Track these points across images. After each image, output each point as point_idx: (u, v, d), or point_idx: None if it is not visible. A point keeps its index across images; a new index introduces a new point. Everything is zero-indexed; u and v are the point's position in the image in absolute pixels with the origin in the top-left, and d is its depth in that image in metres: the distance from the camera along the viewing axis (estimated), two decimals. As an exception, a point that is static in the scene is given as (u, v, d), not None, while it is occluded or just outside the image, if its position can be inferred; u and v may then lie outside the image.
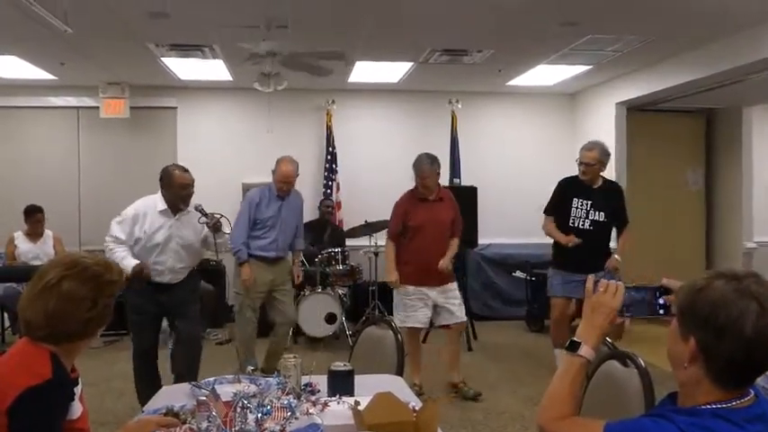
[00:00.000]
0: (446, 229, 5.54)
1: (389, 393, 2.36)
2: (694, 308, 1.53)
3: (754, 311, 1.45)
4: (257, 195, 5.90)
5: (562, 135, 9.26)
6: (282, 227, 5.90)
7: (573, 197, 5.55)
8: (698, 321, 1.51)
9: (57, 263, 2.07)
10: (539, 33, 6.19)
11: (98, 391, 5.58)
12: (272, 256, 5.87)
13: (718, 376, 1.52)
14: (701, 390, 1.54)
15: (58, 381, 1.93)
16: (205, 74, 7.84)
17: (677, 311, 1.59)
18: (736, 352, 1.47)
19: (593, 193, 5.55)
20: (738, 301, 1.47)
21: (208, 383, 2.80)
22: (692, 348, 1.53)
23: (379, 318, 5.42)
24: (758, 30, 5.83)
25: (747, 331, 1.45)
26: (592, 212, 5.51)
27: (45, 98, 8.48)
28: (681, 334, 1.57)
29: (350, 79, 8.14)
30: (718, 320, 1.47)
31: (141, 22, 5.71)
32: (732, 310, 1.46)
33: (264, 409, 2.34)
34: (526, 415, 5.16)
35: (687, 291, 1.57)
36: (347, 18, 5.73)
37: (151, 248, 4.86)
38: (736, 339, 1.46)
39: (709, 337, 1.49)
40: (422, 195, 5.53)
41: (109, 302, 2.06)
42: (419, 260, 5.43)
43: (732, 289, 1.49)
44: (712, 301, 1.49)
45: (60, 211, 8.13)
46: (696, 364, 1.53)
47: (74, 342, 2.03)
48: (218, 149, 8.78)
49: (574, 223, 5.53)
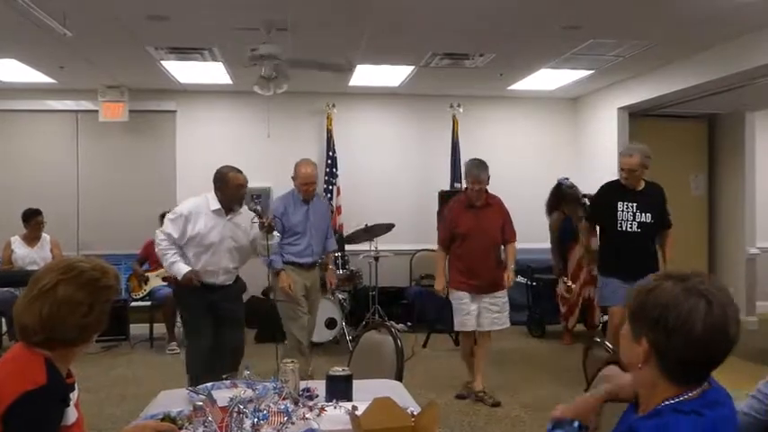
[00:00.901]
0: (494, 236, 5.56)
1: (388, 398, 2.32)
2: (645, 309, 1.57)
3: (703, 309, 1.49)
4: (281, 204, 5.85)
5: (564, 140, 9.25)
6: (313, 231, 5.84)
7: (617, 201, 5.47)
8: (649, 322, 1.56)
9: (52, 267, 2.05)
10: (540, 37, 6.17)
11: (97, 397, 5.55)
12: (308, 262, 5.84)
13: (673, 374, 1.56)
14: (658, 389, 1.58)
15: (53, 386, 1.91)
16: (204, 77, 7.81)
17: (629, 314, 1.63)
18: (687, 350, 1.51)
19: (637, 195, 5.46)
20: (687, 300, 1.51)
21: (205, 388, 2.78)
22: (644, 349, 1.57)
23: (379, 322, 5.37)
24: (760, 34, 5.81)
25: (697, 329, 1.49)
26: (638, 214, 5.43)
27: (44, 101, 8.45)
28: (633, 336, 1.61)
29: (350, 83, 8.11)
30: (668, 321, 1.51)
31: (141, 24, 5.68)
32: (681, 310, 1.50)
33: (261, 414, 2.36)
34: (527, 420, 5.12)
35: (637, 293, 1.61)
36: (348, 21, 5.69)
37: (206, 248, 4.88)
38: (686, 338, 1.50)
39: (661, 337, 1.53)
40: (469, 202, 5.55)
41: (105, 308, 2.05)
42: (467, 267, 5.50)
43: (680, 289, 1.53)
44: (662, 302, 1.53)
45: (59, 215, 8.09)
46: (650, 365, 1.58)
47: (69, 347, 2.01)
48: (217, 153, 8.65)
49: (621, 227, 5.43)
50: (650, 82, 7.52)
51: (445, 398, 5.59)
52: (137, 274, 7.64)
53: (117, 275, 2.15)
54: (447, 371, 6.44)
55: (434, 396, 5.51)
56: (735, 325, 1.54)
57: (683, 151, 8.88)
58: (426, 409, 2.32)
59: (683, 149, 8.88)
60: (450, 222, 5.60)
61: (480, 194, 5.51)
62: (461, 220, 5.53)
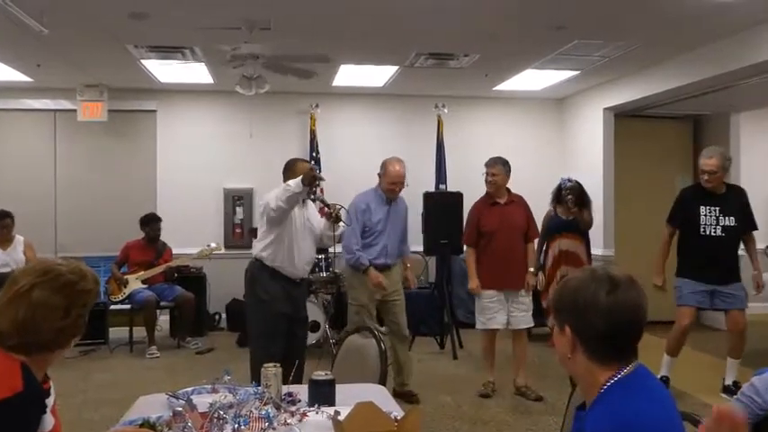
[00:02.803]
0: (520, 233, 5.66)
1: (370, 403, 2.31)
2: (561, 300, 1.78)
3: (605, 286, 1.69)
4: (363, 201, 5.66)
5: (550, 141, 9.23)
6: (390, 233, 5.64)
7: (699, 205, 5.44)
8: (566, 310, 1.76)
9: (29, 270, 2.00)
10: (526, 38, 6.15)
11: (74, 402, 5.44)
12: (382, 263, 5.59)
13: (597, 353, 1.71)
14: (594, 376, 1.72)
15: (30, 393, 1.85)
16: (185, 76, 7.71)
17: (552, 311, 1.83)
18: (600, 324, 1.68)
19: (719, 199, 5.44)
20: (592, 282, 1.72)
21: (185, 394, 2.73)
22: (568, 336, 1.74)
23: (362, 325, 5.29)
24: (746, 35, 5.81)
25: (602, 301, 1.68)
26: (722, 218, 5.40)
27: (20, 100, 8.32)
28: (558, 329, 1.78)
29: (334, 83, 8.04)
30: (578, 302, 1.71)
31: (120, 22, 5.59)
32: (588, 290, 1.71)
33: (241, 419, 2.35)
34: (512, 423, 5.08)
35: (555, 290, 1.83)
36: (331, 20, 5.62)
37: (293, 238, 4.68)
38: (595, 312, 1.68)
39: (577, 319, 1.72)
40: (492, 199, 5.66)
41: (83, 312, 2.00)
42: (493, 264, 5.56)
43: (587, 275, 1.76)
44: (572, 288, 1.75)
45: (36, 216, 8.00)
46: (577, 352, 1.74)
47: (46, 352, 1.96)
48: (198, 154, 8.65)
49: (705, 231, 5.40)
50: (636, 83, 7.51)
51: (429, 402, 5.53)
52: (115, 276, 7.50)
53: (96, 279, 2.09)
54: (431, 374, 6.39)
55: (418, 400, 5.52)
56: (639, 297, 1.71)
57: (669, 152, 8.89)
58: (409, 414, 2.33)
59: (668, 150, 8.89)
60: (474, 220, 5.70)
61: (497, 188, 5.64)
62: (486, 218, 5.63)
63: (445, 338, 7.41)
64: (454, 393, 5.76)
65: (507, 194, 5.71)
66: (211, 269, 8.19)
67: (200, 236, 8.01)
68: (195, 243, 7.74)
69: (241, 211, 8.62)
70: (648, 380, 1.72)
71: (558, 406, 5.20)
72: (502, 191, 5.69)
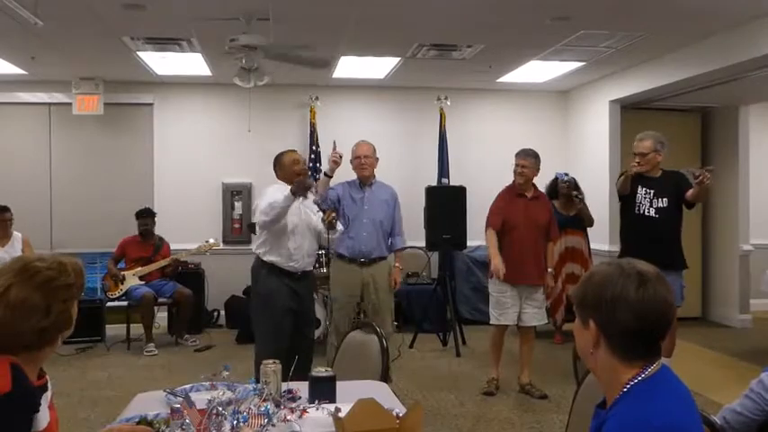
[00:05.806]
0: (541, 230, 5.58)
1: (372, 399, 2.28)
2: (586, 294, 1.72)
3: (635, 282, 1.65)
4: (340, 188, 5.58)
5: (554, 134, 9.10)
6: (367, 222, 5.50)
7: (638, 185, 5.37)
8: (591, 304, 1.70)
9: (7, 269, 1.93)
10: (530, 28, 6.03)
11: (70, 400, 5.39)
12: (358, 253, 5.48)
13: (622, 351, 1.67)
14: (617, 373, 1.67)
15: (19, 393, 1.79)
16: (183, 69, 7.60)
17: (575, 306, 1.77)
18: (628, 320, 1.63)
19: (654, 182, 5.36)
20: (620, 277, 1.66)
21: (183, 391, 2.73)
22: (592, 331, 1.70)
23: (364, 322, 5.20)
24: (754, 26, 5.69)
25: (631, 296, 1.63)
26: (655, 200, 5.32)
27: (15, 94, 8.19)
28: (582, 323, 1.74)
29: (334, 75, 7.94)
30: (606, 297, 1.66)
31: (116, 13, 5.48)
32: (617, 285, 1.65)
33: (240, 416, 2.30)
34: (516, 421, 5.00)
35: (579, 284, 1.77)
36: (331, 10, 5.52)
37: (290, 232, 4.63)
38: (624, 308, 1.63)
39: (603, 315, 1.67)
40: (519, 190, 5.59)
41: (66, 307, 1.93)
42: (511, 258, 5.44)
43: (614, 269, 1.69)
44: (598, 282, 1.69)
45: (31, 211, 7.88)
46: (601, 347, 1.70)
47: (32, 352, 1.89)
48: (196, 148, 8.54)
49: (639, 210, 5.33)
50: (642, 74, 7.38)
51: (432, 399, 5.45)
52: (112, 273, 7.38)
53: (78, 270, 1.99)
54: (434, 371, 6.31)
55: (421, 397, 5.46)
56: (668, 293, 1.67)
57: (676, 145, 8.69)
58: (411, 411, 2.29)
59: (675, 143, 8.69)
60: (499, 208, 5.60)
61: (526, 180, 5.57)
62: (510, 209, 5.55)
63: (448, 335, 7.30)
64: (457, 391, 5.69)
65: (533, 189, 5.64)
66: (210, 265, 8.08)
67: (198, 231, 7.91)
68: (193, 238, 7.64)
69: (239, 206, 8.51)
70: (673, 381, 1.70)
71: (562, 404, 5.14)
72: (529, 184, 5.62)
